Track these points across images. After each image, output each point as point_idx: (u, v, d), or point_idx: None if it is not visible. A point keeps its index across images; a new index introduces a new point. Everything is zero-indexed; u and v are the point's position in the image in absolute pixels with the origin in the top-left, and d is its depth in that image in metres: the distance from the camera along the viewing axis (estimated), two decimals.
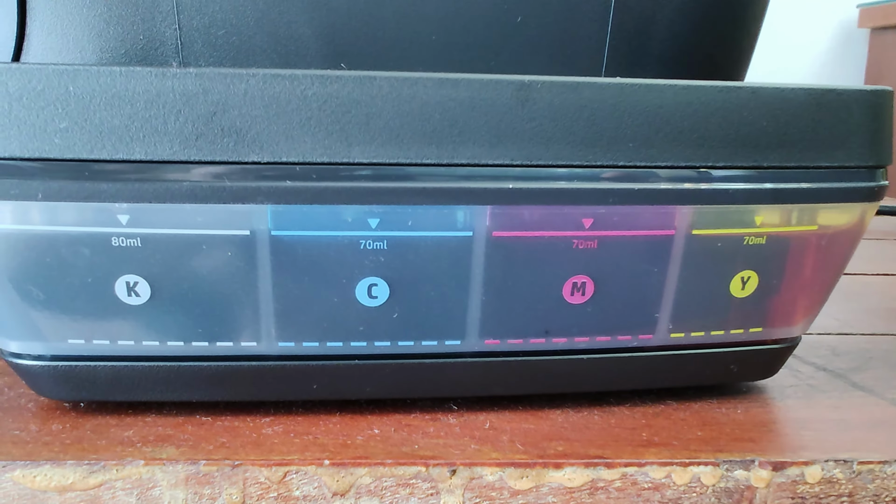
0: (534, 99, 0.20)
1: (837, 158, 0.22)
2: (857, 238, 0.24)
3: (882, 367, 0.29)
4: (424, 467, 0.20)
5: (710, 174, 0.21)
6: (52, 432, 0.21)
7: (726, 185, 0.21)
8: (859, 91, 0.22)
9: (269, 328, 0.21)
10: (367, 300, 0.21)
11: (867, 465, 0.21)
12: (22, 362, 0.21)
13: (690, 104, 0.21)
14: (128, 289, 0.20)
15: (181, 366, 0.21)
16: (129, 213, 0.19)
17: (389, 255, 0.20)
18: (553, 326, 0.22)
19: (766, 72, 1.65)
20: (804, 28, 1.67)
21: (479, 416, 0.23)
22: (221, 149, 0.19)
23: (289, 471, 0.20)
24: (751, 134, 0.21)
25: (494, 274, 0.21)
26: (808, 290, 0.24)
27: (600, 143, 0.21)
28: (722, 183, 0.21)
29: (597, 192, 0.21)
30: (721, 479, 0.21)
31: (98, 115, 0.19)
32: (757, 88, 0.21)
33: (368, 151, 0.20)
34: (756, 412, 0.24)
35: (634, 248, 0.21)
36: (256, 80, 0.19)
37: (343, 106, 0.19)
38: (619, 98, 0.21)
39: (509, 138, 0.20)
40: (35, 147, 0.19)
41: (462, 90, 0.20)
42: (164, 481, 0.20)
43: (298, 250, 0.20)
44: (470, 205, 0.20)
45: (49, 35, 0.31)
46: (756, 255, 0.22)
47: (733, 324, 0.23)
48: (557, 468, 0.21)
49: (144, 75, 0.19)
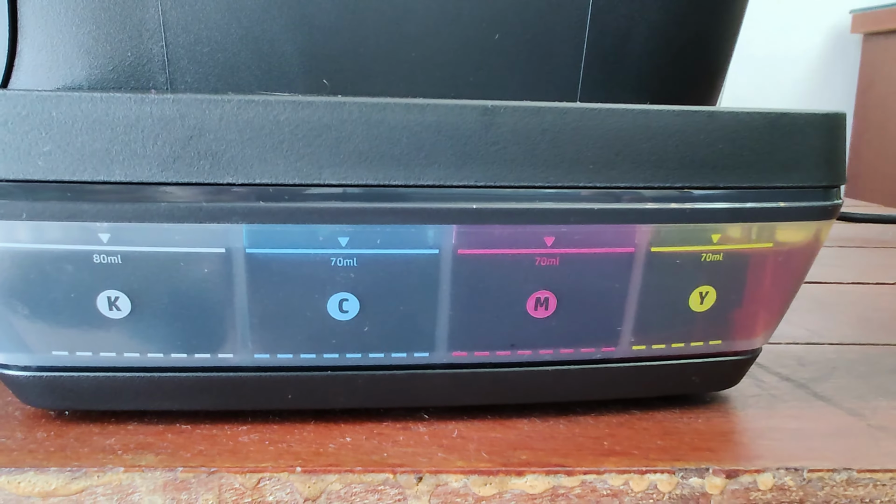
0: (497, 123, 0.21)
1: (793, 179, 0.23)
2: (814, 254, 0.25)
3: (845, 377, 0.30)
4: (392, 474, 0.21)
5: (668, 194, 0.22)
6: (37, 440, 0.22)
7: (684, 204, 0.22)
8: (813, 114, 0.23)
9: (245, 340, 0.22)
10: (339, 314, 0.22)
11: (817, 472, 0.22)
12: (8, 373, 0.22)
13: (649, 128, 0.22)
14: (109, 303, 0.21)
15: (161, 376, 0.22)
16: (110, 231, 0.20)
17: (359, 271, 0.21)
18: (518, 340, 0.23)
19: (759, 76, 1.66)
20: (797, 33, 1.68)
21: (448, 425, 0.24)
22: (198, 171, 0.20)
23: (262, 477, 0.21)
24: (708, 156, 0.22)
25: (460, 290, 0.22)
26: (766, 304, 0.25)
27: (562, 164, 0.21)
28: (680, 203, 0.22)
29: (558, 212, 0.22)
30: (677, 486, 0.22)
31: (80, 139, 0.20)
32: (713, 112, 0.22)
33: (338, 173, 0.20)
34: (717, 422, 0.25)
35: (595, 265, 0.22)
36: (231, 106, 0.20)
37: (314, 130, 0.20)
38: (580, 122, 0.21)
39: (474, 160, 0.21)
40: (20, 169, 0.19)
41: (428, 115, 0.21)
42: (143, 487, 0.21)
43: (272, 267, 0.21)
44: (436, 224, 0.21)
45: (39, 52, 0.32)
46: (714, 271, 0.23)
47: (693, 337, 0.24)
48: (520, 475, 0.21)
49: (124, 101, 0.20)
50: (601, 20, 0.34)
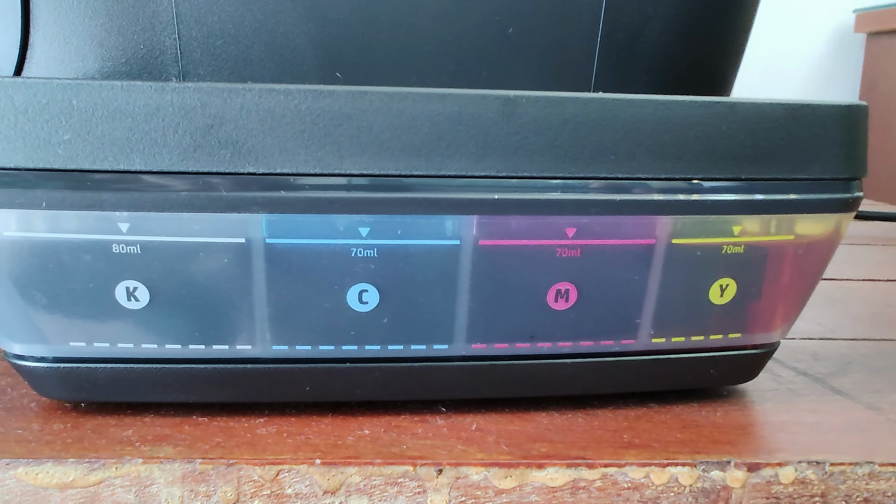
0: (518, 113, 0.21)
1: (813, 171, 0.23)
2: (833, 247, 0.24)
3: (860, 372, 0.30)
4: (412, 467, 0.21)
5: (689, 186, 0.22)
6: (54, 431, 0.22)
7: (705, 196, 0.22)
8: (834, 106, 0.23)
9: (263, 332, 0.22)
10: (358, 306, 0.22)
11: (839, 466, 0.22)
12: (25, 364, 0.22)
13: (670, 119, 0.22)
14: (127, 294, 0.21)
15: (179, 368, 0.22)
16: (130, 221, 0.20)
17: (379, 262, 0.21)
18: (538, 332, 0.23)
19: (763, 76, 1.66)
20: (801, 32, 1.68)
21: (466, 417, 0.24)
22: (218, 160, 0.20)
23: (281, 469, 0.21)
24: (729, 147, 0.22)
25: (481, 281, 0.22)
26: (786, 297, 0.24)
27: (583, 155, 0.21)
28: (701, 194, 0.22)
29: (579, 203, 0.21)
30: (698, 479, 0.22)
31: (100, 128, 0.19)
32: (734, 103, 0.22)
33: (359, 163, 0.20)
34: (735, 415, 0.25)
35: (616, 257, 0.22)
36: (252, 95, 0.20)
37: (335, 120, 0.20)
38: (601, 112, 0.21)
39: (495, 151, 0.21)
40: (39, 158, 0.19)
41: (449, 105, 0.21)
42: (162, 479, 0.21)
43: (292, 257, 0.21)
44: (457, 215, 0.21)
45: (52, 44, 0.32)
46: (734, 263, 0.23)
47: (713, 329, 0.24)
48: (540, 468, 0.21)
49: (145, 90, 0.19)
50: (615, 13, 0.34)
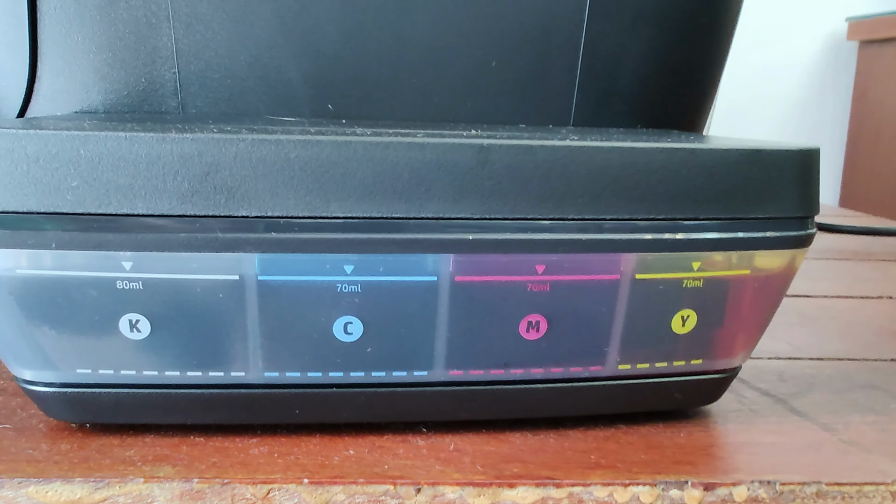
0: (492, 160, 0.23)
1: (769, 210, 0.25)
2: (789, 279, 0.26)
3: (822, 392, 0.31)
4: (393, 486, 0.23)
5: (651, 225, 0.24)
6: (62, 451, 0.24)
7: (666, 235, 0.24)
8: (789, 151, 0.25)
9: (256, 360, 0.24)
10: (344, 336, 0.23)
11: (788, 486, 0.24)
12: (35, 388, 0.24)
13: (634, 163, 0.23)
14: (130, 325, 0.23)
15: (177, 392, 0.24)
16: (133, 260, 0.22)
17: (363, 297, 0.23)
18: (511, 359, 0.25)
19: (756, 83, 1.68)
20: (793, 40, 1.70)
21: (445, 438, 0.26)
22: (214, 204, 0.22)
23: (272, 488, 0.23)
24: (689, 189, 0.24)
25: (457, 314, 0.24)
26: (744, 326, 0.26)
27: (553, 198, 0.23)
28: (662, 233, 0.24)
29: (549, 242, 0.23)
30: (658, 498, 0.23)
31: (105, 175, 0.21)
32: (695, 149, 0.24)
33: (345, 206, 0.22)
34: (698, 436, 0.27)
35: (583, 291, 0.24)
36: (245, 144, 0.21)
37: (322, 167, 0.22)
38: (570, 158, 0.23)
39: (470, 194, 0.23)
40: (50, 203, 0.21)
41: (428, 152, 0.22)
42: (162, 497, 0.22)
43: (282, 293, 0.23)
44: (435, 253, 0.23)
45: (58, 77, 0.34)
46: (694, 296, 0.25)
47: (676, 356, 0.26)
48: (511, 487, 0.23)
49: (146, 140, 0.21)
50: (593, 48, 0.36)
